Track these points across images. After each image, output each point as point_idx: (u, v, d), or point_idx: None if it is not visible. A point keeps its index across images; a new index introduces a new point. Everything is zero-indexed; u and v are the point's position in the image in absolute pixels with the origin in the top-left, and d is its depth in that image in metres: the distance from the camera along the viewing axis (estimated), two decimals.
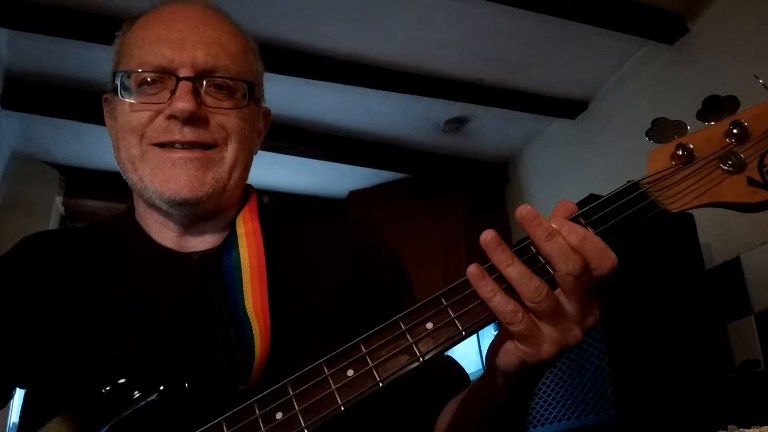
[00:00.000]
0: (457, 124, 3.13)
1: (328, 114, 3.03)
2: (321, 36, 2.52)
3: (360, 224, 1.05)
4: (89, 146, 3.12)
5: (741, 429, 1.40)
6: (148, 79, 0.90)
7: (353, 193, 3.67)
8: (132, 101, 0.90)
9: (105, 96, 1.00)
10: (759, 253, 2.02)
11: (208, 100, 0.90)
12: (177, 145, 0.88)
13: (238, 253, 0.90)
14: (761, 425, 1.38)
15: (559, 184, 3.13)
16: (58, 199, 3.34)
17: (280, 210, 1.04)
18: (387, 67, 2.71)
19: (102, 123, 1.00)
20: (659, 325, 1.69)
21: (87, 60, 2.55)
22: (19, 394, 0.91)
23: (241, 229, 0.93)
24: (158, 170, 0.88)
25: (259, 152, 1.04)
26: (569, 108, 3.02)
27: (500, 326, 0.68)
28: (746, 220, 1.96)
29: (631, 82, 2.73)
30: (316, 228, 1.03)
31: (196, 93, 0.89)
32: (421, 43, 2.59)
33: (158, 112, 0.89)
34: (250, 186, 1.03)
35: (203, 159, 0.89)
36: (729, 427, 1.43)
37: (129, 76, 0.90)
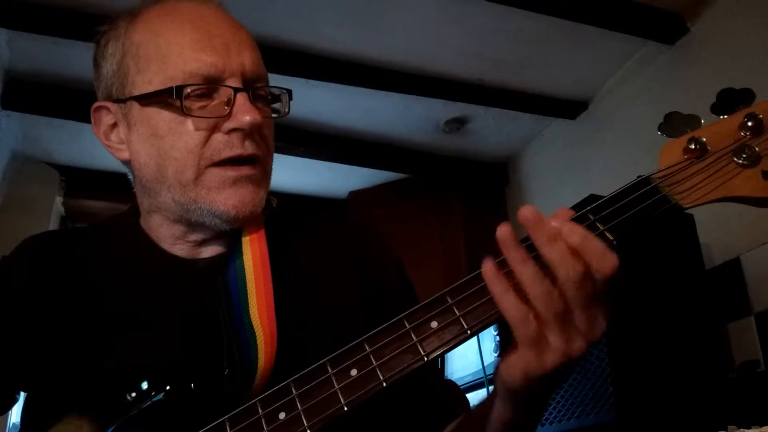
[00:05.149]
0: (457, 124, 3.13)
1: (328, 114, 3.02)
2: (321, 36, 2.51)
3: (364, 227, 1.03)
4: (89, 146, 3.11)
5: (741, 429, 1.41)
6: (196, 92, 0.82)
7: (353, 194, 3.66)
8: (191, 116, 0.82)
9: (101, 105, 0.92)
10: (759, 253, 2.01)
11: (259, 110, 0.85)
12: (237, 161, 0.84)
13: (242, 262, 0.86)
14: (761, 425, 1.39)
15: (559, 184, 3.12)
16: (58, 200, 3.34)
17: (287, 213, 1.00)
18: (387, 67, 2.70)
19: None
20: (659, 326, 1.69)
21: (87, 60, 2.51)
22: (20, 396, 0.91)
23: (245, 235, 0.88)
24: (217, 190, 0.83)
25: None
26: (569, 108, 3.02)
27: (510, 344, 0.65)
28: (746, 221, 1.96)
29: (631, 82, 2.73)
30: (322, 231, 1.00)
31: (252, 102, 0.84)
32: (421, 43, 2.59)
33: (214, 127, 0.83)
34: None
35: (257, 176, 0.86)
36: (729, 427, 1.43)
37: (178, 91, 0.81)
